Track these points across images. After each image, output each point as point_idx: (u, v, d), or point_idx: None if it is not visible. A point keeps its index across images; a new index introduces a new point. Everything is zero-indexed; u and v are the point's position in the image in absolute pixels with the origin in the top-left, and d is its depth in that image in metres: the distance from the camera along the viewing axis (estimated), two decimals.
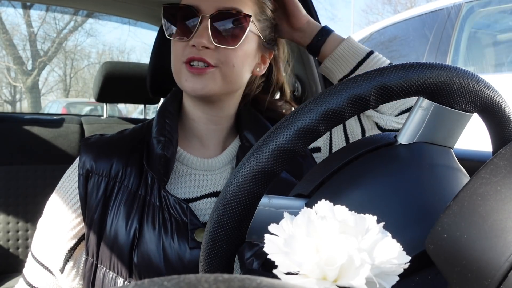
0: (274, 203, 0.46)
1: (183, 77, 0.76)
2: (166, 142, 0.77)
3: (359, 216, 0.32)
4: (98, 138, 0.82)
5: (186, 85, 0.76)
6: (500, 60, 2.97)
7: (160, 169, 0.75)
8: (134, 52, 19.29)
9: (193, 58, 0.75)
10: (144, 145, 0.80)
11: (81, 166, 0.77)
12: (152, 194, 0.75)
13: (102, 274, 0.74)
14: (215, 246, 0.45)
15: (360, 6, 37.59)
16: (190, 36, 0.75)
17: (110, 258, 0.73)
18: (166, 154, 0.75)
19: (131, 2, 1.70)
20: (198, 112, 0.82)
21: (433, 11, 3.17)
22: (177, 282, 0.18)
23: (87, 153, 0.78)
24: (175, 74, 0.79)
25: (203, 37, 0.74)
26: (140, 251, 0.72)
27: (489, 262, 0.29)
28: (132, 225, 0.73)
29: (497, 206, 0.30)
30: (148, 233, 0.73)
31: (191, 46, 0.75)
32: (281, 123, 0.42)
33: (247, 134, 0.83)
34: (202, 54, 0.75)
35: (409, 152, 0.48)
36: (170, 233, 0.73)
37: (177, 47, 0.77)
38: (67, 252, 0.78)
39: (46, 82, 16.01)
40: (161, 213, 0.74)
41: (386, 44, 3.74)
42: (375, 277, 0.29)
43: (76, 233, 0.78)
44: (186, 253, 0.72)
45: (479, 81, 0.46)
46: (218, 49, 0.75)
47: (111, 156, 0.78)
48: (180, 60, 0.76)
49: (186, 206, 0.74)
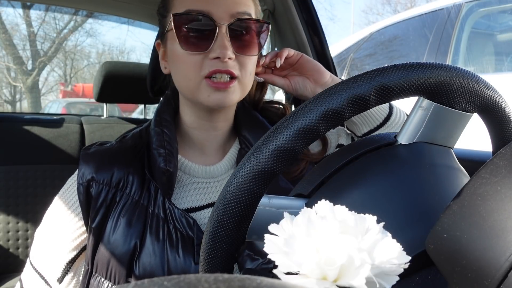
0: (274, 203, 0.46)
1: (204, 92, 0.72)
2: (167, 154, 0.74)
3: (359, 216, 0.32)
4: (98, 148, 0.80)
5: (208, 100, 0.72)
6: (500, 60, 2.97)
7: (164, 183, 0.74)
8: (134, 52, 19.31)
9: (218, 71, 0.71)
10: (144, 153, 0.79)
11: (81, 176, 0.76)
12: (156, 204, 0.73)
13: (97, 283, 0.73)
14: (215, 246, 0.44)
15: (360, 7, 37.58)
16: (209, 47, 0.71)
17: (107, 266, 0.72)
18: (169, 169, 0.73)
19: (131, 2, 1.70)
20: (201, 121, 0.80)
21: (433, 11, 3.17)
22: (177, 282, 0.18)
23: (87, 163, 0.76)
24: (190, 88, 0.74)
25: (226, 48, 0.70)
26: (142, 262, 0.70)
27: (489, 262, 0.29)
28: (133, 235, 0.71)
29: (497, 206, 0.30)
30: (151, 245, 0.71)
31: (211, 59, 0.71)
32: (281, 123, 0.42)
33: (245, 134, 0.82)
34: (227, 66, 0.71)
35: (409, 152, 0.48)
36: (176, 246, 0.71)
37: (193, 60, 0.72)
38: (67, 263, 0.77)
39: (46, 82, 16.01)
40: (166, 226, 0.72)
41: (386, 44, 3.74)
42: (375, 277, 0.29)
43: (77, 244, 0.77)
44: (191, 268, 0.70)
45: (479, 81, 0.46)
46: (237, 58, 0.73)
47: (111, 166, 0.76)
48: (199, 75, 0.72)
49: (193, 222, 0.73)
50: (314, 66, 0.86)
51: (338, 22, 34.52)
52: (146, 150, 0.79)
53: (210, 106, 0.74)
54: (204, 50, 0.71)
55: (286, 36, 1.39)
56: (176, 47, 0.74)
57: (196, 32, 0.72)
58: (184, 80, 0.75)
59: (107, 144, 0.82)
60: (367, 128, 0.85)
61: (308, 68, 0.86)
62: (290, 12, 1.35)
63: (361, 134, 0.87)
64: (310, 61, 0.87)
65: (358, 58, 3.88)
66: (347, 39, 4.23)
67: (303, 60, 0.86)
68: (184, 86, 0.76)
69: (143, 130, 0.85)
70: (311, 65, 0.86)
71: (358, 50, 3.86)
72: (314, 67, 0.86)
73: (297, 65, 0.87)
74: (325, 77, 0.86)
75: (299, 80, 0.88)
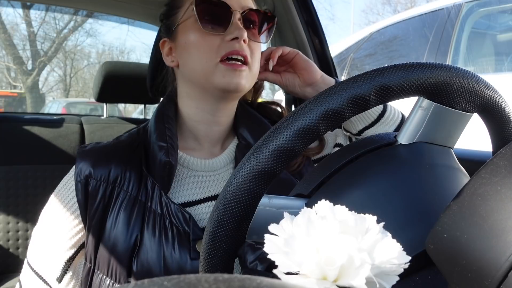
0: (274, 203, 0.46)
1: (219, 73, 0.75)
2: (169, 148, 0.75)
3: (359, 216, 0.32)
4: (94, 145, 0.81)
5: (224, 81, 0.75)
6: (500, 60, 2.97)
7: (164, 176, 0.74)
8: (134, 52, 19.31)
9: (236, 51, 0.75)
10: (141, 150, 0.79)
11: (78, 173, 0.76)
12: (153, 200, 0.74)
13: (99, 280, 0.73)
14: (215, 246, 0.44)
15: (360, 6, 37.59)
16: (226, 30, 0.76)
17: (108, 264, 0.72)
18: (171, 161, 0.74)
19: (131, 2, 1.70)
20: (205, 114, 0.82)
21: (433, 11, 3.17)
22: (177, 282, 0.18)
23: (84, 160, 0.77)
24: (205, 72, 0.76)
25: (243, 29, 0.76)
26: (140, 259, 0.70)
27: (489, 262, 0.29)
28: (133, 232, 0.71)
29: (497, 206, 0.30)
30: (148, 241, 0.71)
31: (228, 41, 0.75)
32: (281, 123, 0.42)
33: (242, 131, 0.83)
34: (242, 48, 0.75)
35: (409, 152, 0.48)
36: (172, 242, 0.71)
37: (210, 43, 0.76)
38: (66, 262, 0.77)
39: (46, 82, 16.03)
40: (162, 221, 0.72)
41: (386, 44, 3.74)
42: (375, 277, 0.29)
43: (75, 242, 0.77)
44: (187, 264, 0.71)
45: (479, 81, 0.46)
46: (249, 44, 0.78)
47: (109, 162, 0.76)
48: (216, 55, 0.75)
49: (189, 216, 0.73)
50: (305, 65, 0.88)
51: (338, 22, 34.55)
52: (143, 147, 0.80)
53: (224, 87, 0.76)
54: (221, 32, 0.76)
55: (286, 36, 1.39)
56: (190, 35, 0.78)
57: (214, 16, 0.77)
58: (199, 64, 0.77)
59: (104, 142, 0.82)
60: (362, 125, 0.87)
61: (300, 66, 0.88)
62: (290, 12, 1.35)
63: (356, 131, 0.88)
64: (303, 60, 0.88)
65: (358, 58, 3.88)
66: (347, 39, 4.23)
67: (297, 59, 0.88)
68: (198, 69, 0.77)
69: (140, 129, 0.85)
70: (303, 64, 0.88)
71: (358, 50, 3.86)
72: (305, 66, 0.88)
73: (292, 62, 0.89)
74: (315, 77, 0.88)
75: (290, 77, 0.90)
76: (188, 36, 0.78)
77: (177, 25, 0.81)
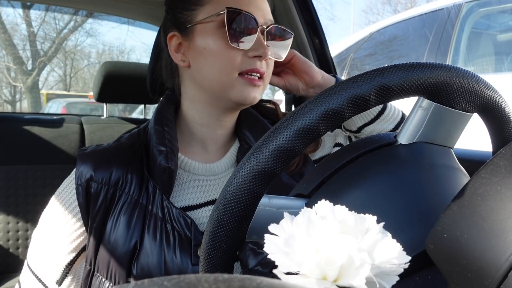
0: (274, 203, 0.46)
1: (238, 87, 0.75)
2: (168, 152, 0.74)
3: (359, 216, 0.32)
4: (95, 148, 0.79)
5: (241, 95, 0.75)
6: (500, 60, 2.97)
7: (164, 181, 0.73)
8: (134, 52, 19.31)
9: (257, 70, 0.75)
10: (142, 152, 0.78)
11: (78, 176, 0.75)
12: (154, 204, 0.73)
13: (98, 283, 0.72)
14: (215, 246, 0.44)
15: (360, 6, 37.61)
16: (251, 45, 0.74)
17: (107, 266, 0.71)
18: (170, 167, 0.73)
19: (131, 2, 1.70)
20: (210, 119, 0.81)
21: (433, 11, 3.17)
22: (177, 282, 0.18)
23: (85, 163, 0.76)
24: (223, 83, 0.75)
25: (267, 48, 0.75)
26: (140, 263, 0.70)
27: (489, 262, 0.29)
28: (133, 235, 0.71)
29: (497, 206, 0.30)
30: (149, 245, 0.70)
31: (250, 57, 0.74)
32: (281, 123, 0.42)
33: (245, 132, 0.83)
34: (262, 66, 0.76)
35: (409, 152, 0.48)
36: (173, 247, 0.71)
37: (232, 55, 0.74)
38: (66, 265, 0.76)
39: (46, 82, 16.03)
40: (164, 225, 0.72)
41: (386, 44, 3.74)
42: (375, 277, 0.29)
43: (76, 246, 0.77)
44: (188, 269, 0.70)
45: (479, 81, 0.46)
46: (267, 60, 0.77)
47: (110, 165, 0.75)
48: (235, 70, 0.74)
49: (190, 221, 0.72)
50: (304, 67, 0.88)
51: (338, 22, 34.56)
52: (144, 149, 0.79)
53: (240, 101, 0.76)
54: (246, 47, 0.74)
55: None
56: (211, 42, 0.74)
57: (242, 29, 0.74)
58: (217, 75, 0.75)
59: (104, 144, 0.81)
60: (362, 122, 0.87)
61: (298, 67, 0.88)
62: (290, 12, 1.35)
63: (356, 128, 0.88)
64: (302, 61, 0.88)
65: (358, 58, 3.88)
66: (347, 39, 4.23)
67: (294, 60, 0.88)
68: (215, 79, 0.76)
69: (140, 130, 0.84)
70: (302, 66, 0.88)
71: (358, 50, 3.86)
72: (305, 68, 0.88)
73: (289, 64, 0.88)
74: (316, 79, 0.88)
75: (292, 80, 0.90)
76: (208, 42, 0.75)
77: (194, 24, 0.76)
